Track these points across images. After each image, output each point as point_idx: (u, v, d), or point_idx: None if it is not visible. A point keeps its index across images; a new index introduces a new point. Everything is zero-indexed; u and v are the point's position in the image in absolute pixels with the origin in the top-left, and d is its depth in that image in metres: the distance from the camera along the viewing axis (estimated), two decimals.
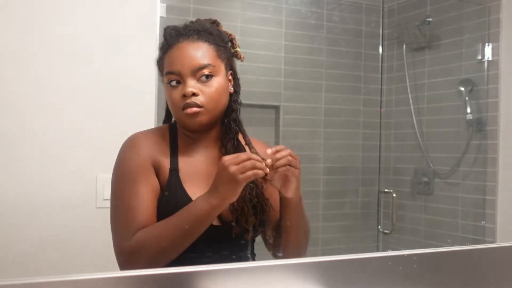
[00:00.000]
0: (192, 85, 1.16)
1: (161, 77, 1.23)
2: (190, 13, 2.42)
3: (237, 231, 1.17)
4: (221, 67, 1.20)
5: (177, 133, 1.25)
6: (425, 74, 2.87)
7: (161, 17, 1.93)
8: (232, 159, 1.06)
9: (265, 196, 1.22)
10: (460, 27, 2.72)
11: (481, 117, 2.59)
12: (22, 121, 1.75)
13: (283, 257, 1.24)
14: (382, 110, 2.86)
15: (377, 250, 2.77)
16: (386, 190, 2.68)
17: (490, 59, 2.54)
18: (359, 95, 2.97)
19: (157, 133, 1.26)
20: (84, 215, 1.80)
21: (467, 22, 2.67)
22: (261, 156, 1.10)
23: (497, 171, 2.47)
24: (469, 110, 2.63)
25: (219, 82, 1.19)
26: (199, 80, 1.17)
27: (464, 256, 0.90)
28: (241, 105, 1.27)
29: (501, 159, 2.47)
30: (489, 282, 0.92)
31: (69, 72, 1.81)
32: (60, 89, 1.80)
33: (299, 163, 1.13)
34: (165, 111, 1.31)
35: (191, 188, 1.17)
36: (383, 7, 2.94)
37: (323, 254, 0.82)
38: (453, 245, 2.52)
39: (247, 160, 1.05)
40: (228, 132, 1.24)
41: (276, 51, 2.75)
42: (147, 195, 1.15)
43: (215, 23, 1.28)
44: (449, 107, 2.80)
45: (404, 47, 2.92)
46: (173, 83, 1.18)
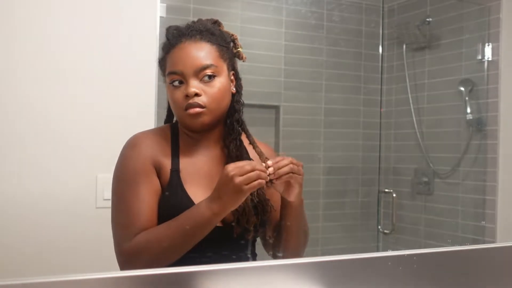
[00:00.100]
0: (194, 86, 1.15)
1: (163, 77, 1.23)
2: (190, 13, 2.42)
3: (238, 231, 1.17)
4: (224, 67, 1.20)
5: (178, 133, 1.25)
6: (425, 74, 2.87)
7: (161, 17, 1.93)
8: (237, 169, 1.05)
9: (266, 196, 1.22)
10: (460, 27, 2.72)
11: (481, 117, 2.59)
12: (22, 122, 1.76)
13: (282, 257, 1.24)
14: (382, 110, 2.86)
15: (377, 250, 2.77)
16: (386, 190, 2.69)
17: (490, 59, 2.54)
18: (359, 95, 2.97)
19: (158, 133, 1.25)
20: (84, 215, 1.80)
21: (467, 22, 2.67)
22: (265, 155, 1.10)
23: (497, 171, 2.47)
24: (469, 110, 2.63)
25: (222, 82, 1.19)
26: (201, 80, 1.17)
27: (464, 256, 0.90)
28: (244, 106, 1.27)
29: (501, 159, 2.47)
30: (489, 282, 0.92)
31: (69, 72, 1.81)
32: (60, 89, 1.80)
33: (302, 168, 1.13)
34: (167, 110, 1.31)
35: (192, 188, 1.17)
36: (383, 7, 2.94)
37: (323, 254, 0.82)
38: (453, 245, 2.52)
39: (251, 171, 1.05)
40: (230, 132, 1.24)
41: (276, 51, 2.74)
42: (148, 196, 1.15)
43: (216, 23, 1.27)
44: (449, 107, 2.80)
45: (404, 47, 2.92)
46: (176, 83, 1.18)
